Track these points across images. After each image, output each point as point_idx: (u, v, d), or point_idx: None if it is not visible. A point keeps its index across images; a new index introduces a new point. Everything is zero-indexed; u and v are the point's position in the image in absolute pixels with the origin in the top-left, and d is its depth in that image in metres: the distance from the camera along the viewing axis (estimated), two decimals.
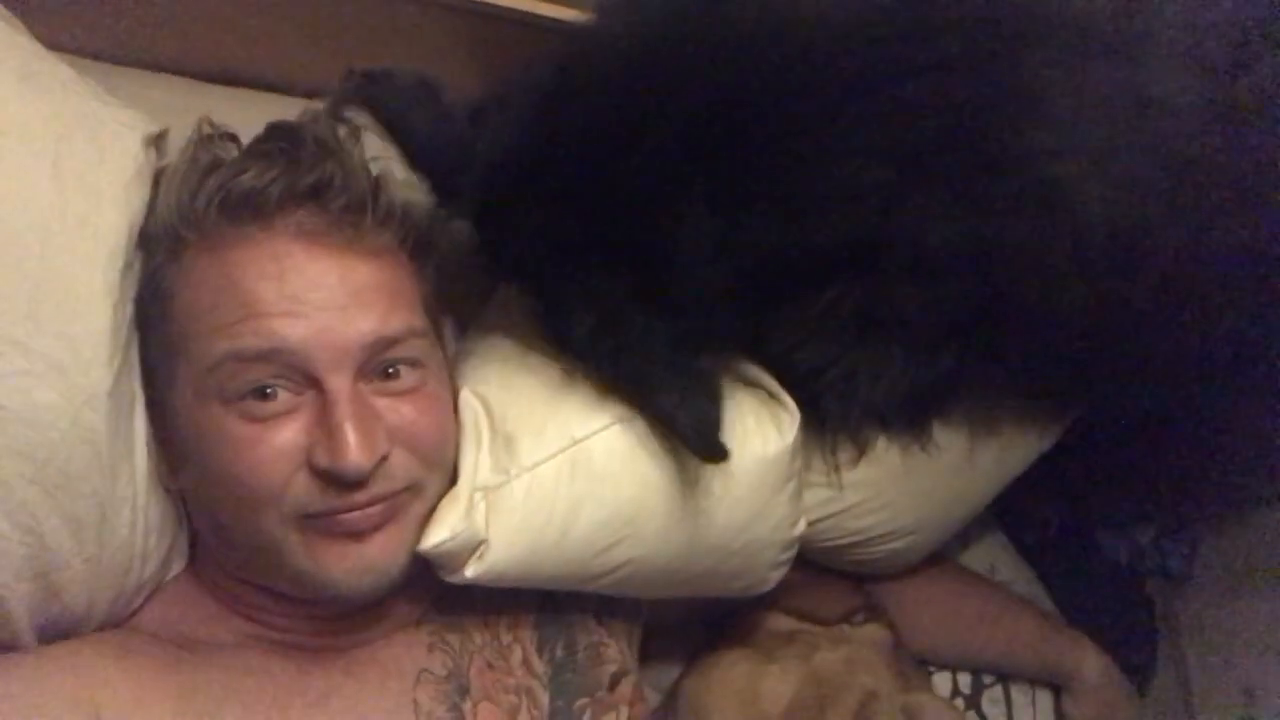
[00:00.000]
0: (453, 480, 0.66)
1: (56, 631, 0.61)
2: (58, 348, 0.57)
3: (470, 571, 0.64)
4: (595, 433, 0.66)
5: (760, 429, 0.69)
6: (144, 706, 0.58)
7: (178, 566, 0.68)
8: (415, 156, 0.67)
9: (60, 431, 0.57)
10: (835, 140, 0.59)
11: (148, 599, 0.66)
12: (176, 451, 0.63)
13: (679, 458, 0.67)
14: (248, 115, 0.68)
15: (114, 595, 0.63)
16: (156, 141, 0.65)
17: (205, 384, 0.59)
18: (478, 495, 0.65)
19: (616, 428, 0.67)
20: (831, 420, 0.72)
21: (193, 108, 0.67)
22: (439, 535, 0.63)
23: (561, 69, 0.64)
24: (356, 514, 0.59)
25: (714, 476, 0.67)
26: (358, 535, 0.60)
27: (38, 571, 0.58)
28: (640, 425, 0.67)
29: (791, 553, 0.74)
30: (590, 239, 0.62)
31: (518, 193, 0.63)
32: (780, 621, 0.83)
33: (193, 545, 0.68)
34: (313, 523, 0.59)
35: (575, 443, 0.66)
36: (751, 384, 0.72)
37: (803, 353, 0.68)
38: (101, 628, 0.63)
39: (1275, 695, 1.01)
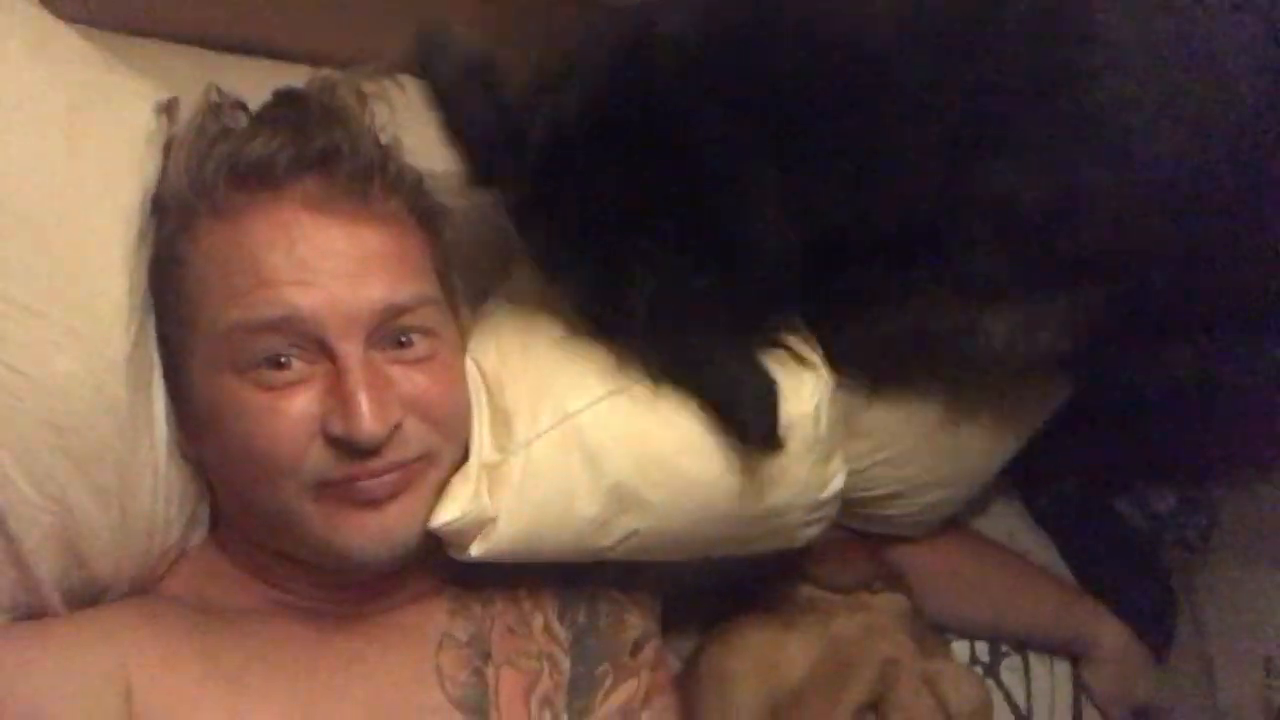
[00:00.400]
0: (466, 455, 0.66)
1: (82, 598, 0.62)
2: (77, 317, 0.57)
3: (475, 550, 0.64)
4: (588, 406, 0.66)
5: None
6: (172, 669, 0.58)
7: (199, 534, 0.68)
8: (462, 128, 0.66)
9: (83, 400, 0.57)
10: (907, 103, 0.59)
11: (171, 566, 0.66)
12: (194, 420, 0.63)
13: (676, 428, 0.66)
14: (255, 83, 0.67)
15: (138, 562, 0.63)
16: (167, 109, 0.65)
17: (218, 353, 0.59)
18: (482, 473, 0.65)
19: (608, 401, 0.66)
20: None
21: (199, 76, 0.67)
22: (449, 513, 0.63)
23: (631, 33, 0.63)
24: (373, 482, 0.60)
25: (719, 446, 0.66)
26: (374, 504, 0.60)
27: (64, 539, 0.59)
28: (634, 395, 0.66)
29: (825, 513, 0.73)
30: (657, 205, 0.61)
31: (587, 153, 0.62)
32: (800, 589, 0.83)
33: (213, 513, 0.69)
34: (330, 491, 0.59)
35: (567, 417, 0.66)
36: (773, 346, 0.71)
37: (886, 324, 0.68)
38: (126, 595, 0.64)
39: None
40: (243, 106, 0.65)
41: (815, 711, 0.72)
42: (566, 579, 0.71)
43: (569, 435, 0.65)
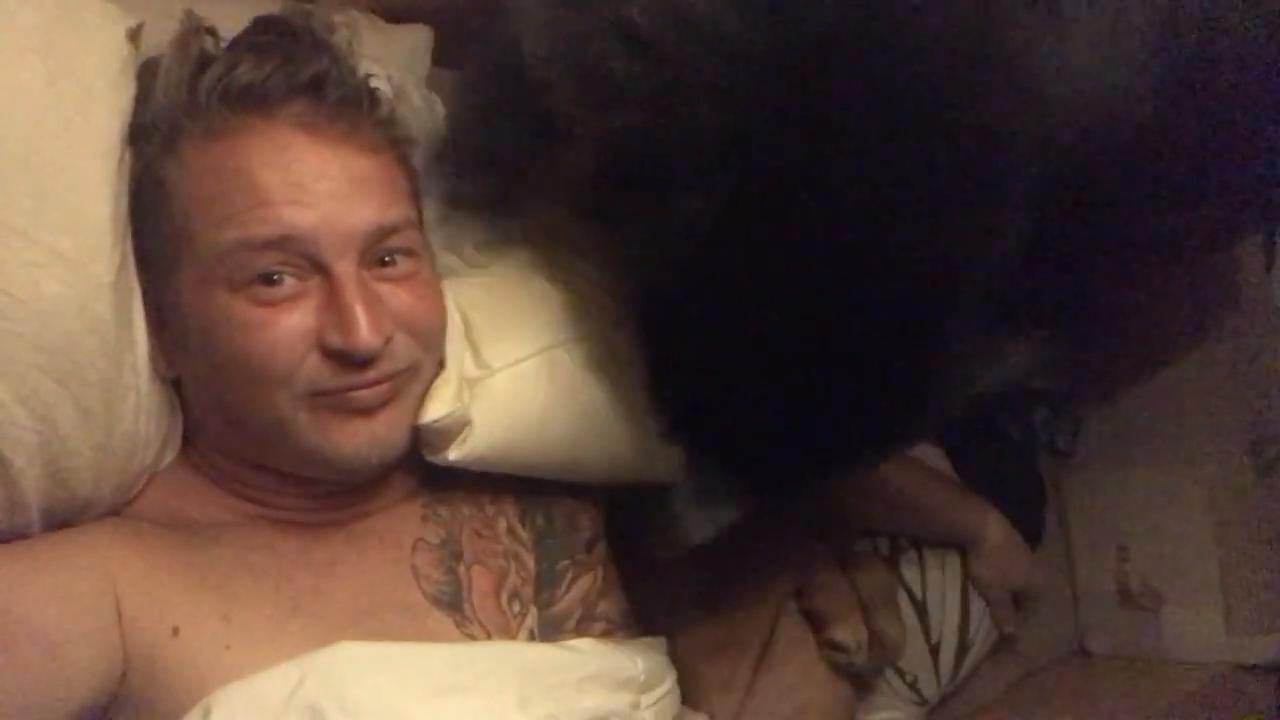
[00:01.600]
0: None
1: (61, 518, 0.63)
2: (63, 240, 0.58)
3: (453, 454, 0.69)
4: (576, 338, 0.72)
5: None
6: (158, 582, 0.61)
7: (171, 454, 0.70)
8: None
9: (69, 321, 0.58)
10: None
11: (145, 486, 0.68)
12: (176, 338, 0.65)
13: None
14: (218, 13, 0.67)
15: (118, 481, 0.65)
16: (134, 35, 0.65)
17: (213, 271, 0.61)
18: (464, 384, 0.70)
19: (597, 337, 0.72)
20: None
21: (161, 4, 0.67)
22: (436, 411, 0.67)
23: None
24: (366, 392, 0.63)
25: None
26: (366, 412, 0.64)
27: (49, 458, 0.60)
28: (616, 338, 0.72)
29: None
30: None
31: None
32: None
33: (185, 432, 0.70)
34: (323, 400, 0.63)
35: (556, 344, 0.72)
36: None
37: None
38: (102, 515, 0.65)
39: (1144, 551, 1.16)
40: (214, 33, 0.66)
41: (747, 594, 0.80)
42: (524, 485, 0.77)
43: (557, 360, 0.72)
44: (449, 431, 0.69)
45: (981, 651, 1.08)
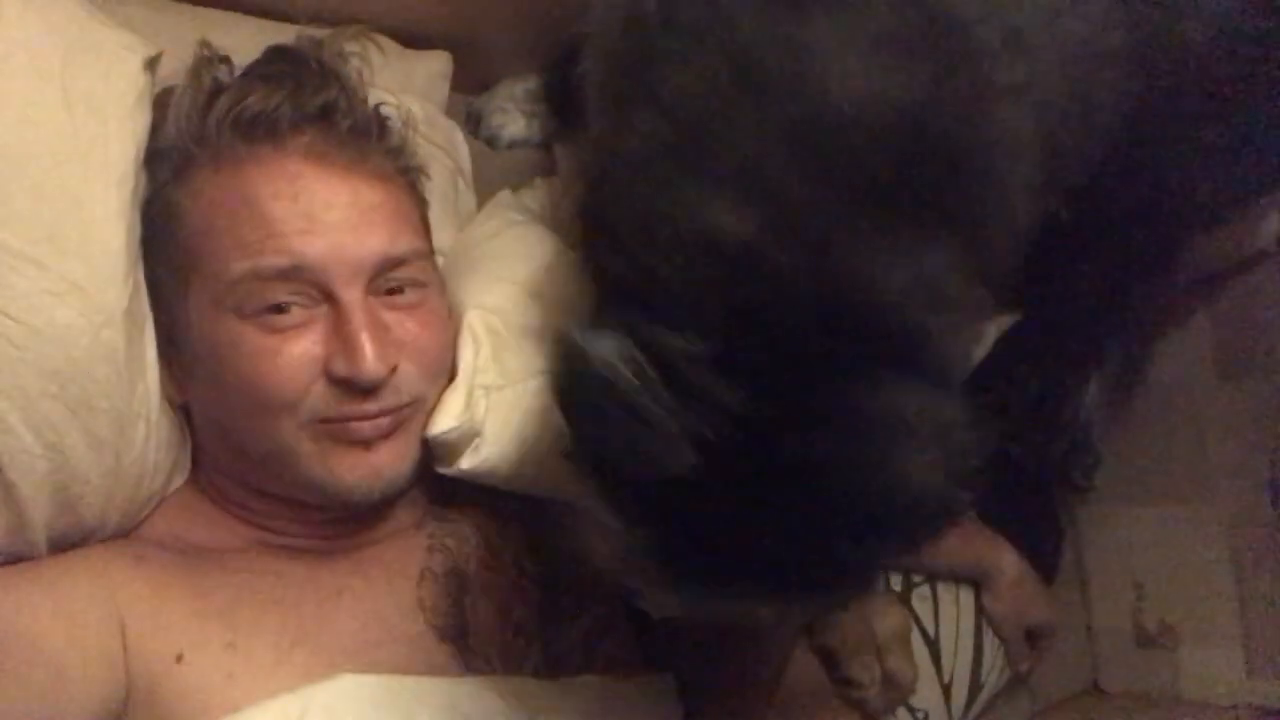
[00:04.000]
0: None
1: (68, 542, 0.64)
2: (76, 268, 0.59)
3: (465, 463, 0.68)
4: None
5: None
6: (163, 608, 0.61)
7: (180, 479, 0.70)
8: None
9: (82, 350, 0.59)
10: None
11: (153, 510, 0.68)
12: (185, 365, 0.65)
13: None
14: (233, 40, 0.69)
15: (125, 507, 0.65)
16: (151, 64, 0.66)
17: (222, 299, 0.61)
18: (479, 392, 0.69)
19: None
20: None
21: (180, 33, 0.68)
22: (445, 423, 0.67)
23: None
24: (366, 424, 0.63)
25: None
26: (367, 444, 0.64)
27: (58, 485, 0.60)
28: None
29: None
30: None
31: None
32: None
33: (193, 458, 0.71)
34: (326, 429, 0.63)
35: None
36: None
37: None
38: (109, 538, 0.66)
39: (1161, 589, 1.14)
40: (228, 61, 0.66)
41: (757, 631, 0.79)
42: (532, 521, 0.76)
43: None
44: (458, 444, 0.68)
45: (994, 690, 1.06)
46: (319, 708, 0.58)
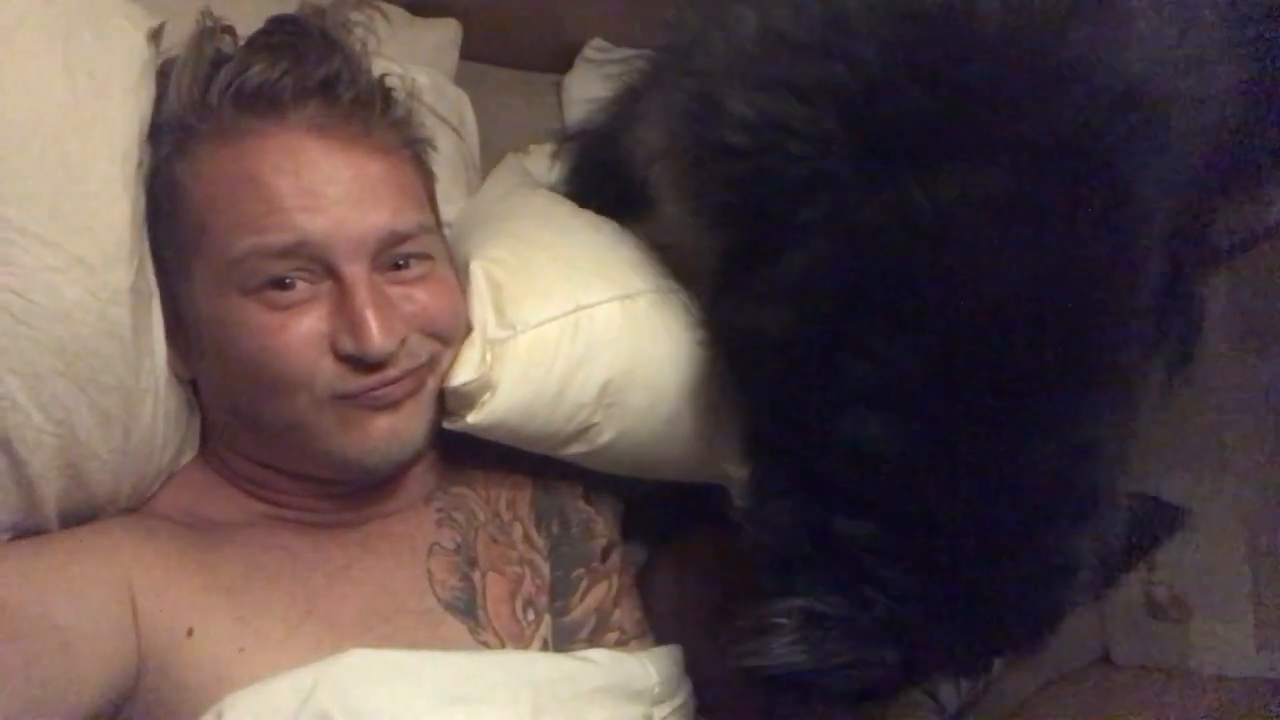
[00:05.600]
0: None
1: (79, 517, 0.64)
2: (82, 244, 0.58)
3: (472, 418, 0.68)
4: (600, 303, 0.71)
5: None
6: (174, 581, 0.61)
7: (189, 454, 0.70)
8: None
9: (89, 327, 0.59)
10: None
11: (163, 485, 0.69)
12: (192, 341, 0.65)
13: (666, 341, 0.72)
14: (238, 10, 0.67)
15: (135, 482, 0.65)
16: (155, 36, 0.65)
17: (226, 276, 0.61)
18: (487, 346, 0.69)
19: (618, 302, 0.71)
20: None
21: (183, 4, 0.66)
22: (464, 375, 0.67)
23: None
24: (387, 389, 0.63)
25: (695, 366, 0.72)
26: (390, 406, 0.64)
27: (68, 461, 0.60)
28: (639, 303, 0.72)
29: None
30: None
31: None
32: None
33: (202, 433, 0.71)
34: (348, 402, 0.63)
35: (580, 308, 0.70)
36: None
37: None
38: (120, 513, 0.66)
39: (1173, 561, 1.13)
40: (231, 31, 0.65)
41: None
42: (539, 491, 0.76)
43: (579, 324, 0.70)
44: (472, 397, 0.68)
45: (1003, 661, 1.06)
46: (329, 682, 0.58)
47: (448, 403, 0.69)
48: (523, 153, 1.03)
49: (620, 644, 0.73)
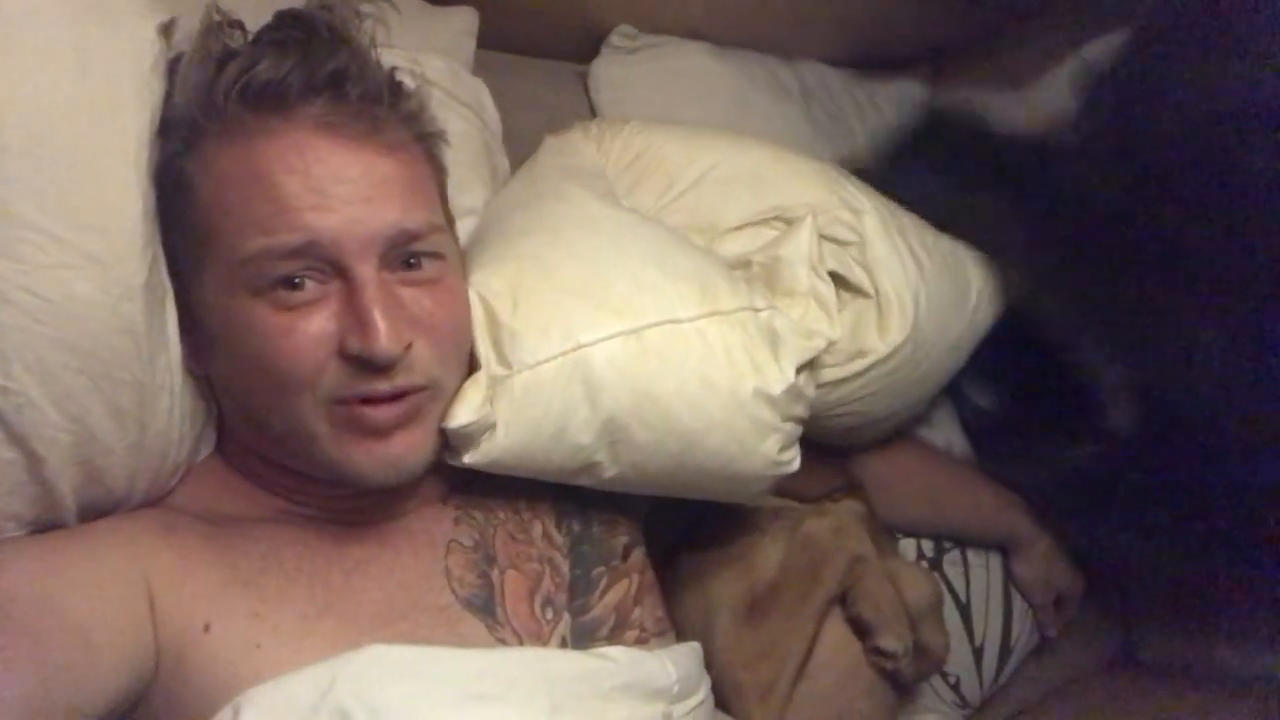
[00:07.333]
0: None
1: (97, 511, 0.64)
2: (93, 241, 0.58)
3: (468, 458, 0.67)
4: (599, 340, 0.68)
5: (767, 364, 0.72)
6: (191, 575, 0.61)
7: (206, 449, 0.70)
8: None
9: (101, 323, 0.58)
10: None
11: (181, 479, 0.68)
12: (203, 338, 0.64)
13: (676, 377, 0.69)
14: (248, 3, 0.66)
15: (152, 477, 0.65)
16: (167, 30, 0.64)
17: (235, 275, 0.60)
18: (490, 383, 0.68)
19: (620, 338, 0.69)
20: None
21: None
22: (464, 416, 0.66)
23: None
24: (379, 412, 0.62)
25: (711, 404, 0.70)
26: (381, 433, 0.63)
27: (83, 457, 0.60)
28: (645, 338, 0.69)
29: (775, 476, 0.75)
30: None
31: None
32: (767, 498, 0.89)
33: (220, 428, 0.70)
34: (343, 412, 0.62)
35: (578, 347, 0.68)
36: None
37: None
38: (138, 508, 0.66)
39: None
40: (240, 26, 0.64)
41: (790, 602, 0.79)
42: (560, 488, 0.75)
43: (577, 363, 0.68)
44: (474, 436, 0.67)
45: (1023, 655, 1.06)
46: (347, 678, 0.58)
47: (450, 440, 0.68)
48: (565, 132, 0.96)
49: (640, 642, 0.73)
